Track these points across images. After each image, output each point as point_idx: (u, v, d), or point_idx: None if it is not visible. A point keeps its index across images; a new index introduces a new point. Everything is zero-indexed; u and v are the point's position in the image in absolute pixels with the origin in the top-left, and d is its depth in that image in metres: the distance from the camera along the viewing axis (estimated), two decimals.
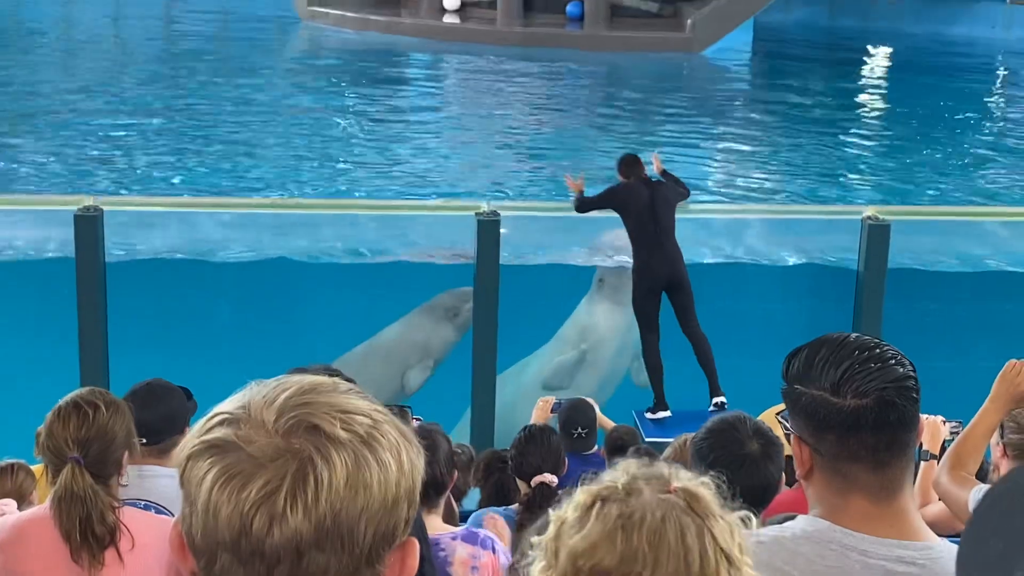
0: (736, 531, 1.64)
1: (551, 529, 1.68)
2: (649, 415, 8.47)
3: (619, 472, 1.67)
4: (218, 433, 1.31)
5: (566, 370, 9.62)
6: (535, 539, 1.70)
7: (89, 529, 3.10)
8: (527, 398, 8.47)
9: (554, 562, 1.65)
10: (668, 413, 8.44)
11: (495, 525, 4.47)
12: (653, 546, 1.58)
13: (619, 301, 9.34)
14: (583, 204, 8.57)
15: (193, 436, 1.33)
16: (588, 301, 9.82)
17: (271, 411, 1.31)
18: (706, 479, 1.68)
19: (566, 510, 1.67)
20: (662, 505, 1.61)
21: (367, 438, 1.30)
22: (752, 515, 1.69)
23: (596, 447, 6.45)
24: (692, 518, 1.61)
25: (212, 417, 1.34)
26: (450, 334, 9.19)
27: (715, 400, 8.30)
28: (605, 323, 9.52)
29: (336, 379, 1.38)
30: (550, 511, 1.70)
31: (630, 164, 8.47)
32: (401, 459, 1.32)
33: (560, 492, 2.38)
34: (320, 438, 1.29)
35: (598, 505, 1.64)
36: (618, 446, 5.98)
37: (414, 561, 1.36)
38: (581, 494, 1.67)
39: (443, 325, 9.40)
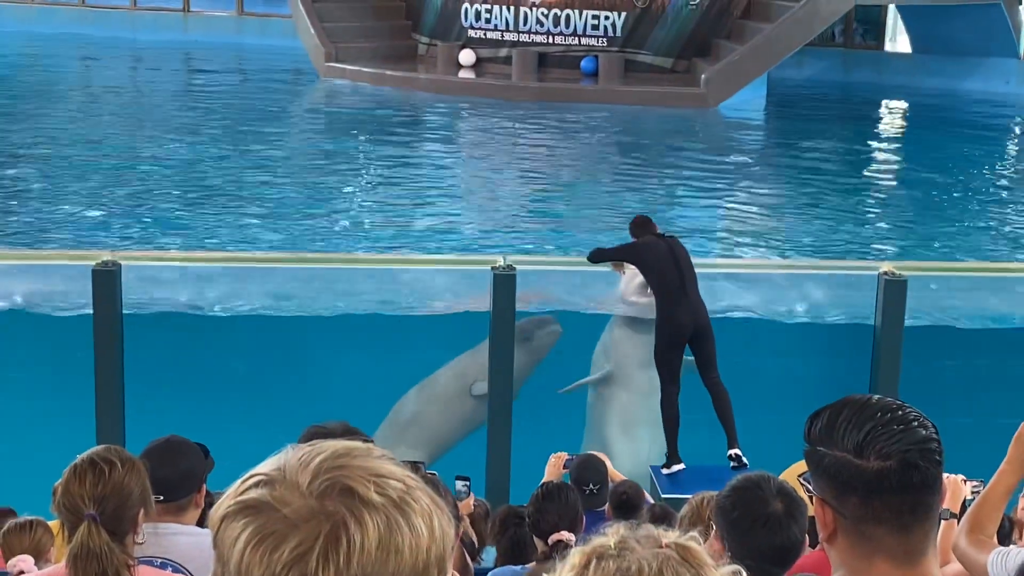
0: None
1: None
2: (664, 470, 8.43)
3: (609, 534, 1.70)
4: (253, 494, 1.32)
5: (588, 384, 9.70)
6: None
7: None
8: None
9: None
10: (682, 466, 8.41)
11: None
12: None
13: (642, 318, 9.36)
14: (599, 255, 8.59)
15: (228, 497, 1.34)
16: (611, 322, 9.87)
17: (306, 473, 1.32)
18: (695, 534, 1.68)
19: (561, 573, 1.68)
20: (658, 557, 1.63)
21: (400, 503, 1.31)
22: (742, 571, 1.69)
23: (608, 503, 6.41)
24: (687, 568, 1.63)
25: (248, 478, 1.35)
26: (521, 357, 9.41)
27: (731, 452, 8.26)
28: (628, 340, 9.54)
29: (370, 445, 1.39)
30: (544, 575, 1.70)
31: (642, 225, 8.49)
32: (433, 525, 1.33)
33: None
34: (354, 501, 1.30)
35: (594, 562, 1.66)
36: (623, 502, 5.93)
37: None
38: (575, 556, 1.69)
39: (515, 348, 9.62)
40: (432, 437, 9.57)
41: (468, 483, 6.41)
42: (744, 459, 8.12)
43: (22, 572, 3.96)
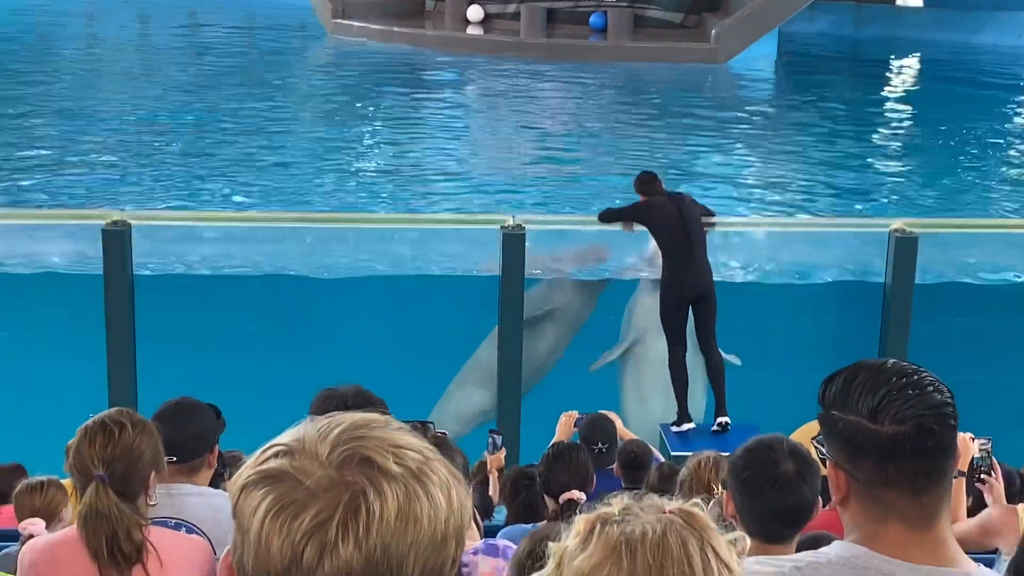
0: (732, 548, 1.68)
1: (550, 564, 1.71)
2: (674, 428, 8.47)
3: (613, 503, 1.72)
4: (273, 464, 1.33)
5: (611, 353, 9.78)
6: None
7: (116, 547, 3.12)
8: None
9: None
10: (692, 425, 8.47)
11: None
12: (657, 558, 1.62)
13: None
14: (609, 215, 8.58)
15: (248, 467, 1.35)
16: (635, 293, 9.92)
17: (325, 444, 1.33)
18: (699, 501, 1.71)
19: (564, 542, 1.70)
20: (662, 521, 1.66)
21: (418, 473, 1.32)
22: (746, 537, 1.73)
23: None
24: (691, 532, 1.65)
25: (267, 449, 1.36)
26: (577, 296, 9.55)
27: (719, 420, 8.34)
28: (648, 314, 9.60)
29: (388, 417, 1.40)
30: (550, 545, 1.72)
31: (647, 182, 8.45)
32: (451, 496, 1.34)
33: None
34: (373, 471, 1.30)
35: (598, 528, 1.68)
36: (631, 460, 5.95)
37: None
38: (579, 523, 1.71)
39: (563, 287, 9.81)
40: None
41: (500, 437, 6.44)
42: (729, 427, 8.24)
43: (31, 535, 3.98)
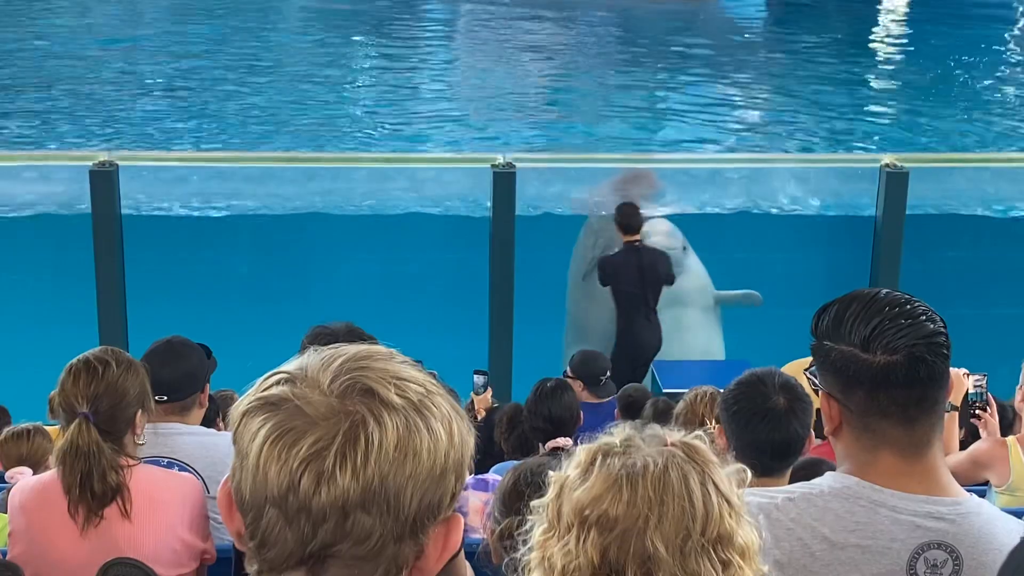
0: (733, 482, 1.69)
1: (552, 490, 1.72)
2: None
3: (615, 434, 1.72)
4: (275, 391, 1.32)
5: None
6: (534, 503, 1.74)
7: (89, 486, 3.11)
8: None
9: (556, 523, 1.69)
10: None
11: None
12: (658, 492, 1.64)
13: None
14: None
15: (250, 394, 1.34)
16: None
17: (327, 373, 1.32)
18: (701, 433, 1.72)
19: (566, 470, 1.71)
20: (663, 454, 1.67)
21: (419, 406, 1.31)
22: (747, 469, 1.74)
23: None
24: (692, 466, 1.66)
25: (270, 376, 1.35)
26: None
27: None
28: None
29: (393, 349, 1.40)
30: (550, 473, 1.72)
31: (629, 216, 8.45)
32: (452, 430, 1.33)
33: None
34: (374, 401, 1.30)
35: (600, 459, 1.69)
36: (630, 403, 6.02)
37: (458, 537, 1.36)
38: (581, 453, 1.72)
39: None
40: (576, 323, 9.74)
41: (486, 377, 6.45)
42: None
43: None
